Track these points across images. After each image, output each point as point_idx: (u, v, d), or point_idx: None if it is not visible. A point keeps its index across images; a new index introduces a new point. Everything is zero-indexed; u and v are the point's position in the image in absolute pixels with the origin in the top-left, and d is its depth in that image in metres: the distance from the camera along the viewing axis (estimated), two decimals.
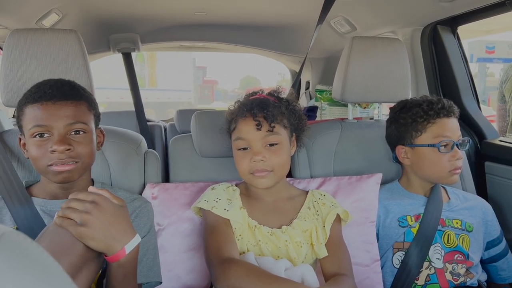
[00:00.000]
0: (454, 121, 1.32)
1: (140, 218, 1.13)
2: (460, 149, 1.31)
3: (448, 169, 1.29)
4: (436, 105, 1.31)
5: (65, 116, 1.01)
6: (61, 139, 1.00)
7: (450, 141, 1.28)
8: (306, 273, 1.00)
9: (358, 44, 1.54)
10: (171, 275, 1.24)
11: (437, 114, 1.30)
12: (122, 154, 1.32)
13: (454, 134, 1.30)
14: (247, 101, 1.14)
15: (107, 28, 2.40)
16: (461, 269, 1.29)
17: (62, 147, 0.99)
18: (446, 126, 1.30)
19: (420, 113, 1.31)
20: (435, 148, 1.28)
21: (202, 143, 1.40)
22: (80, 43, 1.31)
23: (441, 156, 1.28)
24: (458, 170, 1.30)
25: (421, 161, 1.32)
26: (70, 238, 0.80)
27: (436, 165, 1.30)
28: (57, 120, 1.00)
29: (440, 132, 1.29)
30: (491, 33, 8.53)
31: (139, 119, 2.43)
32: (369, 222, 1.31)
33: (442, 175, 1.30)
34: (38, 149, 1.00)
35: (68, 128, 1.02)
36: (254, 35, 2.69)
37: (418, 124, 1.31)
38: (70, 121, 1.02)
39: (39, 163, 1.01)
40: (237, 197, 1.16)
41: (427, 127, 1.31)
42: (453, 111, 1.32)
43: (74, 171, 1.03)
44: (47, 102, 1.01)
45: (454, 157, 1.28)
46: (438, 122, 1.30)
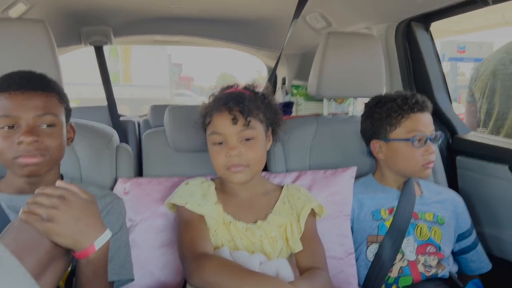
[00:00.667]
0: (427, 116, 1.34)
1: (112, 215, 1.10)
2: (433, 143, 1.32)
3: (421, 163, 1.30)
4: (410, 100, 1.32)
5: (34, 107, 0.97)
6: (29, 130, 0.96)
7: (423, 135, 1.30)
8: (281, 267, 1.00)
9: (333, 40, 1.54)
10: (144, 272, 1.21)
11: (411, 109, 1.31)
12: (93, 149, 1.29)
13: (427, 128, 1.32)
14: (222, 95, 1.12)
15: (78, 20, 2.33)
16: (433, 261, 1.31)
17: (30, 138, 0.95)
18: (420, 120, 1.31)
19: (394, 108, 1.32)
20: (409, 143, 1.30)
21: (176, 138, 1.37)
22: (48, 34, 1.26)
23: (415, 150, 1.30)
24: (431, 164, 1.32)
25: (395, 155, 1.34)
26: (36, 234, 0.77)
27: (410, 159, 1.31)
28: (25, 111, 0.96)
29: (414, 127, 1.31)
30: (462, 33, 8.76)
31: (111, 114, 2.37)
32: (344, 215, 1.31)
33: (416, 169, 1.32)
34: (4, 140, 0.96)
35: (37, 120, 0.98)
36: (230, 29, 2.67)
37: (393, 118, 1.33)
38: (39, 112, 0.98)
39: (4, 156, 0.97)
40: (212, 192, 1.15)
41: (401, 121, 1.32)
42: (427, 106, 1.34)
43: (42, 164, 0.99)
44: (16, 92, 0.97)
45: (427, 152, 1.30)
46: (412, 117, 1.31)
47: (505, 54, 2.00)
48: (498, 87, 1.99)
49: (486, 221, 1.56)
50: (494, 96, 2.00)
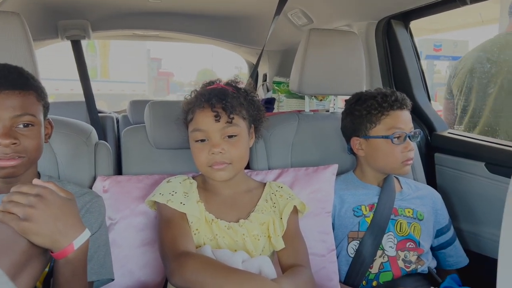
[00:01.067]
0: (406, 113, 1.36)
1: (91, 214, 1.08)
2: (412, 140, 1.34)
3: (400, 160, 1.32)
4: (390, 97, 1.33)
5: (11, 107, 0.93)
6: (6, 132, 0.93)
7: (402, 132, 1.32)
8: (263, 264, 1.00)
9: (315, 36, 1.54)
10: (124, 271, 1.19)
11: (391, 106, 1.33)
12: (71, 146, 1.26)
13: (406, 126, 1.33)
14: (204, 91, 1.11)
15: (54, 14, 2.27)
16: (412, 257, 1.33)
17: (7, 140, 0.92)
18: (399, 118, 1.33)
19: (374, 105, 1.34)
20: (389, 140, 1.31)
21: (156, 134, 1.35)
22: (24, 27, 1.22)
23: (394, 147, 1.31)
24: (410, 161, 1.34)
25: (375, 152, 1.35)
26: (12, 234, 0.74)
27: (389, 156, 1.33)
28: (2, 111, 0.93)
29: (393, 124, 1.32)
30: (439, 32, 8.92)
31: (89, 110, 2.32)
32: (325, 212, 1.32)
33: (395, 166, 1.34)
34: None
35: (15, 120, 0.94)
36: (210, 25, 2.64)
37: (373, 116, 1.34)
38: (17, 113, 0.94)
39: None
40: (194, 190, 1.13)
41: (381, 119, 1.33)
42: (406, 103, 1.36)
43: (19, 166, 0.96)
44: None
45: (406, 149, 1.32)
46: (391, 114, 1.33)
47: (482, 53, 2.04)
48: (474, 85, 2.03)
49: (463, 217, 1.59)
50: (470, 94, 2.04)
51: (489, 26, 5.58)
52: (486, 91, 2.01)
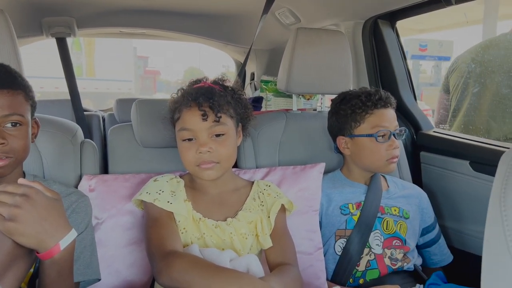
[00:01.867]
0: (391, 111, 1.37)
1: (77, 214, 1.07)
2: (397, 138, 1.36)
3: (385, 158, 1.33)
4: (374, 96, 1.35)
5: (0, 107, 0.92)
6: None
7: (387, 131, 1.33)
8: (251, 263, 1.00)
9: (302, 36, 1.55)
10: (111, 270, 1.18)
11: (375, 105, 1.34)
12: (56, 144, 1.24)
13: (391, 124, 1.35)
14: (191, 90, 1.10)
15: (39, 10, 2.23)
16: (399, 254, 1.34)
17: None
18: (383, 116, 1.34)
19: (358, 104, 1.35)
20: (373, 138, 1.33)
21: (143, 133, 1.34)
22: (8, 24, 1.20)
23: (379, 145, 1.33)
24: (395, 159, 1.35)
25: (360, 151, 1.36)
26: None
27: (374, 155, 1.34)
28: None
29: (377, 123, 1.33)
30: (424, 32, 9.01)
31: (75, 108, 2.29)
32: (313, 211, 1.33)
33: (380, 164, 1.35)
34: None
35: (2, 120, 0.93)
36: (198, 24, 2.63)
37: (357, 115, 1.35)
38: (5, 113, 0.93)
39: None
40: (181, 189, 1.13)
41: (365, 117, 1.35)
42: (390, 102, 1.37)
43: (7, 167, 0.95)
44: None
45: (391, 147, 1.33)
46: (375, 112, 1.34)
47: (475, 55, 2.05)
48: (468, 84, 2.04)
49: (448, 214, 1.62)
50: (466, 91, 2.05)
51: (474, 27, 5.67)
52: (478, 91, 2.02)
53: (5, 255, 0.73)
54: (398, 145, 1.36)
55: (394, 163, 1.36)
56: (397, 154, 1.35)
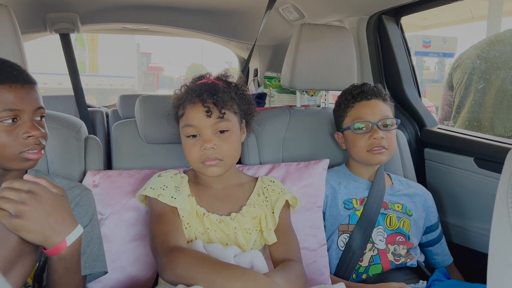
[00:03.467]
0: (375, 103, 1.37)
1: (81, 207, 1.07)
2: (383, 129, 1.35)
3: (365, 148, 1.35)
4: (355, 90, 1.39)
5: (32, 100, 0.95)
6: (33, 124, 0.94)
7: (366, 122, 1.35)
8: (255, 258, 1.00)
9: (306, 32, 1.54)
10: (115, 266, 1.19)
11: (354, 99, 1.38)
12: (60, 140, 1.24)
13: (372, 115, 1.35)
14: (195, 86, 1.10)
15: (43, 6, 2.23)
16: (402, 250, 1.34)
17: (38, 132, 0.94)
18: (363, 109, 1.37)
19: (342, 99, 1.41)
20: (351, 130, 1.37)
21: (147, 129, 1.34)
22: (12, 19, 1.21)
23: (358, 137, 1.36)
24: (377, 148, 1.34)
25: (348, 144, 1.42)
26: (3, 230, 0.74)
27: (355, 146, 1.37)
28: (27, 104, 0.93)
29: (356, 115, 1.37)
30: (428, 29, 8.97)
31: (78, 104, 2.29)
32: (317, 207, 1.33)
33: (362, 154, 1.37)
34: (7, 135, 0.91)
35: (36, 113, 0.96)
36: (201, 20, 2.62)
37: (342, 110, 1.41)
38: (37, 106, 0.96)
39: (8, 151, 0.92)
40: (185, 184, 1.13)
41: (347, 112, 1.40)
42: (375, 93, 1.37)
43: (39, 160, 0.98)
44: (15, 85, 0.92)
45: (371, 137, 1.33)
46: (356, 106, 1.38)
47: (480, 51, 2.04)
48: (472, 81, 2.03)
49: (452, 211, 1.61)
50: (468, 89, 2.04)
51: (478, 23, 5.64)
52: (482, 88, 2.01)
53: (11, 251, 0.74)
54: (382, 135, 1.33)
55: (378, 154, 1.34)
56: (381, 144, 1.33)
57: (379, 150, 1.34)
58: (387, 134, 1.35)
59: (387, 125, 1.36)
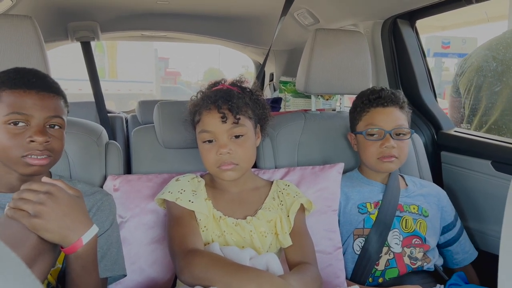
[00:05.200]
0: (391, 110, 1.36)
1: (102, 212, 1.10)
2: (396, 138, 1.34)
3: (375, 156, 1.35)
4: (373, 95, 1.37)
5: (47, 108, 0.98)
6: (40, 129, 0.97)
7: (379, 129, 1.34)
8: (270, 261, 1.01)
9: (321, 36, 1.55)
10: (134, 268, 1.22)
11: (371, 104, 1.37)
12: (82, 146, 1.28)
13: (386, 123, 1.34)
14: (210, 93, 1.12)
15: (64, 16, 2.31)
16: (418, 253, 1.34)
17: (42, 138, 0.96)
18: (378, 115, 1.36)
19: (359, 102, 1.40)
20: (363, 135, 1.37)
21: (165, 134, 1.37)
22: (36, 30, 1.25)
23: (369, 143, 1.35)
24: (388, 158, 1.34)
25: (359, 147, 1.42)
26: (23, 229, 0.77)
27: (365, 152, 1.38)
28: (38, 111, 0.97)
29: (370, 121, 1.36)
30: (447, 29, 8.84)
31: (99, 110, 2.35)
32: (332, 210, 1.33)
33: (371, 161, 1.37)
34: (13, 138, 0.96)
35: (47, 120, 0.99)
36: (217, 26, 2.66)
37: (357, 113, 1.41)
38: (51, 114, 0.99)
39: (12, 153, 0.96)
40: (202, 188, 1.15)
41: (362, 115, 1.39)
42: (393, 101, 1.36)
43: (47, 165, 1.01)
44: (31, 91, 0.97)
45: (382, 145, 1.33)
46: (371, 111, 1.37)
47: (488, 51, 2.03)
48: (481, 83, 2.02)
49: (470, 215, 1.60)
50: (478, 92, 2.03)
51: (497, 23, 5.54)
52: (493, 90, 1.99)
53: (31, 249, 0.77)
54: (393, 144, 1.32)
55: (388, 163, 1.34)
56: (391, 154, 1.33)
57: (388, 159, 1.34)
58: (399, 143, 1.34)
59: (400, 134, 1.35)
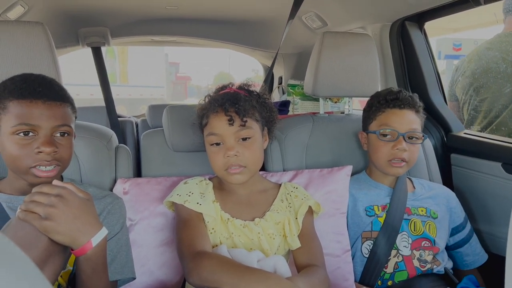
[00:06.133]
0: (406, 113, 1.35)
1: (112, 215, 1.12)
2: (408, 142, 1.33)
3: (386, 158, 1.34)
4: (390, 96, 1.36)
5: (53, 117, 0.98)
6: (48, 140, 0.97)
7: (393, 131, 1.33)
8: (278, 263, 1.02)
9: (329, 39, 1.56)
10: (144, 270, 1.23)
11: (388, 104, 1.36)
12: (92, 149, 1.30)
13: (401, 125, 1.33)
14: (217, 96, 1.13)
15: (75, 22, 2.35)
16: (428, 256, 1.33)
17: (50, 148, 0.96)
18: (393, 116, 1.35)
19: (375, 102, 1.39)
20: (376, 135, 1.36)
21: (174, 138, 1.39)
22: (47, 36, 1.28)
23: (382, 144, 1.34)
24: (397, 162, 1.33)
25: (370, 147, 1.41)
26: (34, 231, 0.79)
27: (376, 152, 1.37)
28: (46, 120, 0.97)
29: (385, 121, 1.35)
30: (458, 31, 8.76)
31: (109, 115, 2.38)
32: (340, 213, 1.33)
33: (381, 163, 1.36)
34: (21, 148, 0.96)
35: (55, 130, 0.99)
36: (226, 30, 2.68)
37: (372, 112, 1.40)
38: (58, 123, 0.99)
39: (20, 163, 0.97)
40: (210, 190, 1.16)
41: (377, 115, 1.38)
42: (410, 103, 1.35)
43: (55, 177, 1.00)
44: (37, 101, 0.97)
45: (394, 147, 1.32)
46: (387, 112, 1.36)
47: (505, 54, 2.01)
48: (482, 84, 2.00)
49: (480, 217, 1.58)
50: (480, 94, 2.01)
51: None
52: (496, 90, 1.98)
53: (42, 251, 0.79)
54: (405, 147, 1.32)
55: (398, 168, 1.33)
56: (402, 157, 1.32)
57: (398, 163, 1.33)
58: (410, 147, 1.33)
59: (413, 138, 1.35)
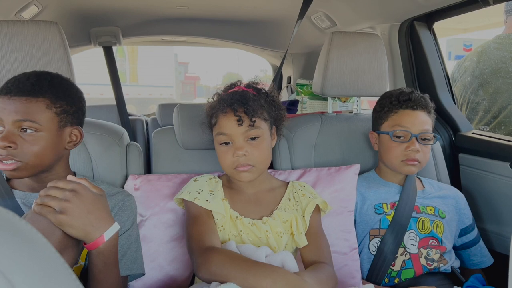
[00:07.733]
0: (419, 114, 1.36)
1: (123, 212, 1.14)
2: (421, 142, 1.34)
3: (400, 158, 1.35)
4: (403, 96, 1.37)
5: (14, 112, 0.97)
6: (6, 134, 0.97)
7: (406, 131, 1.34)
8: (286, 259, 1.03)
9: (337, 39, 1.57)
10: (154, 265, 1.25)
11: (400, 105, 1.36)
12: (104, 146, 1.33)
13: (414, 126, 1.34)
14: (226, 96, 1.14)
15: (87, 21, 2.38)
16: (435, 255, 1.33)
17: (2, 143, 0.96)
18: (406, 117, 1.35)
19: (387, 102, 1.39)
20: (389, 136, 1.36)
21: (184, 136, 1.41)
22: (61, 35, 1.30)
23: (395, 145, 1.35)
24: (412, 161, 1.34)
25: (381, 147, 1.41)
26: (49, 224, 0.81)
27: (389, 153, 1.37)
28: (6, 115, 0.97)
29: (397, 122, 1.36)
30: (468, 32, 8.68)
31: (120, 113, 2.42)
32: (347, 211, 1.34)
33: (395, 163, 1.36)
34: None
35: (17, 125, 0.98)
36: (236, 30, 2.70)
37: (384, 112, 1.40)
38: (18, 118, 0.97)
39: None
40: (219, 188, 1.18)
41: (389, 115, 1.38)
42: (422, 104, 1.36)
43: (19, 170, 0.99)
44: (4, 96, 0.99)
45: (407, 148, 1.33)
46: (399, 112, 1.37)
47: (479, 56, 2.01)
48: (483, 84, 2.00)
49: (488, 217, 1.58)
50: (479, 95, 2.01)
51: None
52: (497, 90, 1.97)
53: (56, 243, 0.81)
54: (418, 148, 1.32)
55: (411, 166, 1.34)
56: (414, 157, 1.33)
57: (413, 162, 1.34)
58: (423, 148, 1.34)
59: (426, 139, 1.35)
